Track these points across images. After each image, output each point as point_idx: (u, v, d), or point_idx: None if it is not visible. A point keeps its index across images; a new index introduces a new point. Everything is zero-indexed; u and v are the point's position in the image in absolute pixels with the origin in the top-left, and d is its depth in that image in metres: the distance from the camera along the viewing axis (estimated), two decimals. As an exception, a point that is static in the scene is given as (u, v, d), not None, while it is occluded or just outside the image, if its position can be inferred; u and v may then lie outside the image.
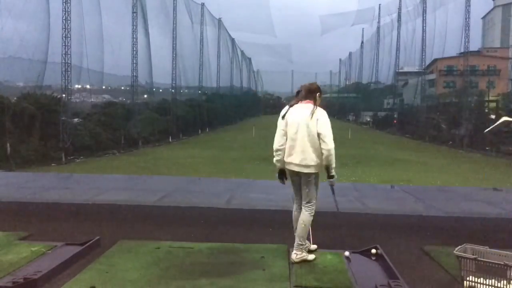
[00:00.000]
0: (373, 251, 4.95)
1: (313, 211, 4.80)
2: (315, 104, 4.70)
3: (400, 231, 6.33)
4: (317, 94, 4.74)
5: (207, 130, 34.16)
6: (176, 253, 4.97)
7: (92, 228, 6.05)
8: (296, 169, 4.71)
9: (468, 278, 3.94)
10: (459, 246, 4.13)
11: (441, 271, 4.63)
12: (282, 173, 4.93)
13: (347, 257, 4.80)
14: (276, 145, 4.77)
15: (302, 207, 4.84)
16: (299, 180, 4.81)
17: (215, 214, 7.26)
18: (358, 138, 34.79)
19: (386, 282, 4.08)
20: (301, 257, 4.70)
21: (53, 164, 14.65)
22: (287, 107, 4.83)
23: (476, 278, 3.89)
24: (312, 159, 4.62)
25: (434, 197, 9.13)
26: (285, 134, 4.72)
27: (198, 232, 6.01)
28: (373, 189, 10.53)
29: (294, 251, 4.73)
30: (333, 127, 4.73)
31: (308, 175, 4.69)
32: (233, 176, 12.95)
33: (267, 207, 7.77)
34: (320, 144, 4.56)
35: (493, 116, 34.81)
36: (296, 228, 4.83)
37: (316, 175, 4.75)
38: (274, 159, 4.86)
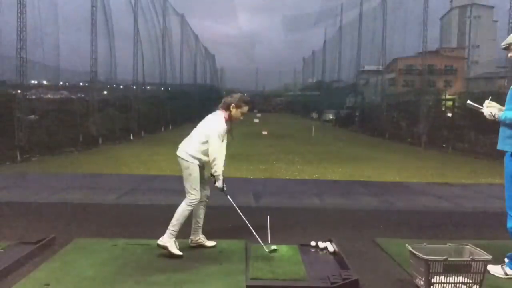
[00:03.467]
0: (328, 243, 5.12)
1: (190, 202, 4.90)
2: (228, 114, 5.04)
3: (354, 225, 6.55)
4: (231, 106, 5.04)
5: (170, 127, 33.73)
6: (133, 250, 4.97)
7: (47, 227, 5.95)
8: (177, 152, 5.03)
9: (434, 280, 3.92)
10: (410, 246, 4.14)
11: (389, 260, 4.89)
12: None
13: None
14: None
15: None
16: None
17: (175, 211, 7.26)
18: (321, 136, 35.28)
19: (337, 272, 4.24)
20: (164, 243, 4.79)
21: (7, 163, 14.14)
22: None
23: (443, 278, 3.90)
24: (189, 149, 4.92)
25: (389, 192, 9.48)
26: None
27: (156, 229, 5.97)
28: (332, 185, 10.78)
29: (163, 236, 4.83)
30: (296, 125, 4.90)
31: (181, 160, 4.94)
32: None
33: (227, 203, 7.83)
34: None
35: (449, 114, 36.22)
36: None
37: (188, 163, 4.90)
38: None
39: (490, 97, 4.60)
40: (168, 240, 4.79)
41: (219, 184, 4.97)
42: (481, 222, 6.97)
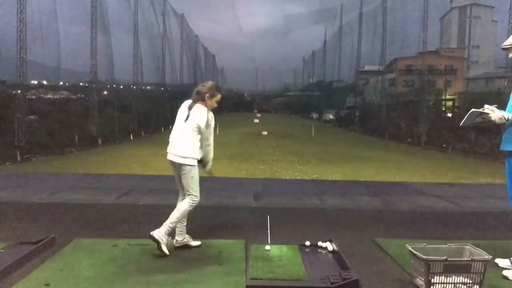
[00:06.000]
0: (328, 243, 5.11)
1: (193, 203, 4.94)
2: (205, 104, 4.97)
3: (354, 225, 6.55)
4: (206, 96, 4.98)
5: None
6: (133, 250, 4.96)
7: (47, 227, 5.94)
8: (174, 159, 4.97)
9: (434, 280, 3.88)
10: (410, 246, 4.11)
11: (389, 260, 4.88)
12: None
13: None
14: None
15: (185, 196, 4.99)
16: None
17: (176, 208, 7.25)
18: (321, 136, 35.32)
19: (337, 272, 4.23)
20: (160, 237, 4.74)
21: (7, 163, 14.17)
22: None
23: (443, 278, 3.86)
24: (188, 151, 4.89)
25: (390, 192, 9.47)
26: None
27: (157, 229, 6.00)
28: (332, 185, 10.80)
29: (159, 230, 4.79)
30: (296, 125, 4.90)
31: (182, 165, 4.91)
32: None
33: (227, 203, 7.85)
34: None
35: (449, 115, 36.18)
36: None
37: (192, 167, 4.90)
38: None
39: (485, 104, 4.47)
40: (164, 236, 4.76)
41: (208, 167, 5.14)
42: (481, 222, 6.96)
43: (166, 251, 4.77)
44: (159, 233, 4.76)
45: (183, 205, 4.89)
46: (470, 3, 68.32)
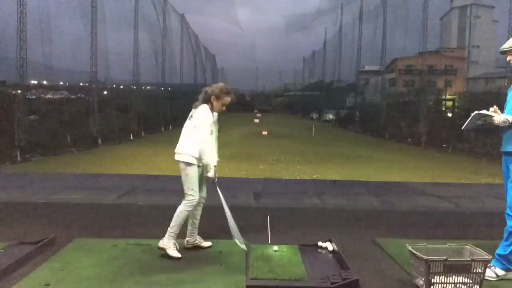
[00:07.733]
0: (328, 243, 5.11)
1: (188, 203, 4.85)
2: (210, 106, 4.89)
3: (354, 225, 6.55)
4: (211, 98, 4.91)
5: (170, 127, 33.70)
6: (133, 250, 4.96)
7: (47, 227, 5.95)
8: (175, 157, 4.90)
9: (434, 280, 3.89)
10: (410, 246, 4.12)
11: (389, 260, 4.88)
12: None
13: None
14: None
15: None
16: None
17: (175, 212, 7.25)
18: (321, 136, 35.27)
19: (337, 272, 4.24)
20: (163, 244, 4.77)
21: (7, 163, 14.15)
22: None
23: (443, 278, 3.88)
24: (187, 149, 4.78)
25: (390, 193, 9.47)
26: None
27: (156, 230, 5.98)
28: (332, 185, 10.79)
29: (163, 238, 4.81)
30: (297, 125, 4.86)
31: (179, 163, 4.86)
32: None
33: (227, 203, 7.83)
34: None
35: (449, 114, 36.16)
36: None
37: (187, 165, 4.81)
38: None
39: (494, 106, 4.39)
40: (167, 242, 4.78)
41: (210, 174, 4.83)
42: (481, 222, 6.97)
43: (176, 255, 4.76)
44: (163, 241, 4.79)
45: (179, 208, 4.85)
46: (470, 3, 68.19)
